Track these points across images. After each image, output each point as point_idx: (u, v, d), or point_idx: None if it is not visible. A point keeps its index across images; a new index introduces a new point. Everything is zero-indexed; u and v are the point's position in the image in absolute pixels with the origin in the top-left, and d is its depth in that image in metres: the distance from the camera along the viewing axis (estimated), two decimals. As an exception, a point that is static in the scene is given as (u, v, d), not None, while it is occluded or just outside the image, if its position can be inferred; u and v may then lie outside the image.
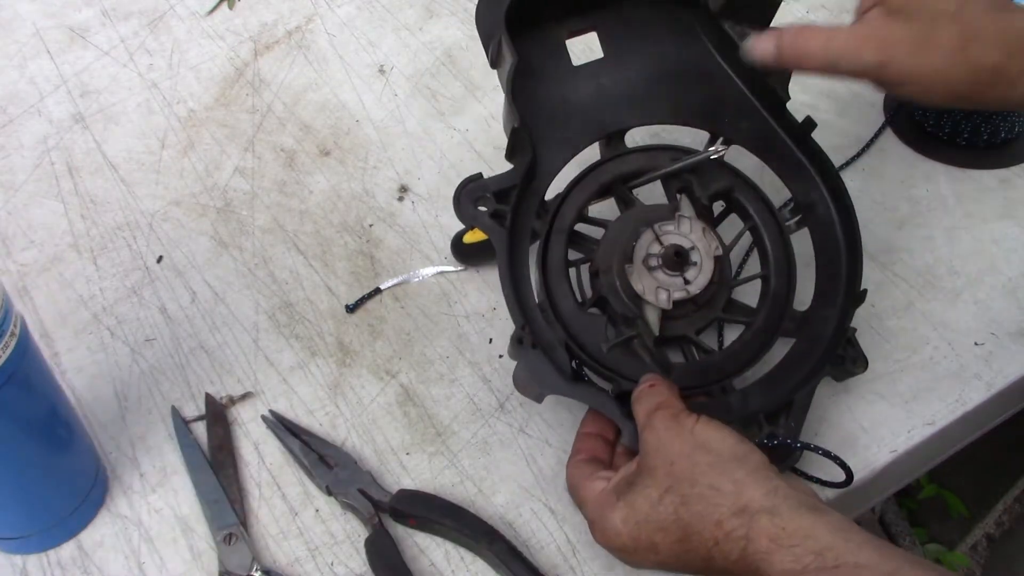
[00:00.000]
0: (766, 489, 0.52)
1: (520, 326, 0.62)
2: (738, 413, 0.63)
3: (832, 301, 0.66)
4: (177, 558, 0.64)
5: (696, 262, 0.64)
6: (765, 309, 0.67)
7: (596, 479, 0.58)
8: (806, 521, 0.50)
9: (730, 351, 0.66)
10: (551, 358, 0.62)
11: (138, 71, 0.95)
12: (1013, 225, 0.77)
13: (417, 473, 0.67)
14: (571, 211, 0.67)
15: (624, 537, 0.55)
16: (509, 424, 0.69)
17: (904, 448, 0.66)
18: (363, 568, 0.62)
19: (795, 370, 0.65)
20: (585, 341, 0.65)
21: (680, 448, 0.55)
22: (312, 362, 0.73)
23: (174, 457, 0.68)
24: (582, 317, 0.65)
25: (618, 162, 0.69)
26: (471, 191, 0.64)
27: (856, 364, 0.64)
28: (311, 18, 0.99)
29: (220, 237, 0.81)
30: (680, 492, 0.54)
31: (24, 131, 0.90)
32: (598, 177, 0.69)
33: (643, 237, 0.64)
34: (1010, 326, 0.71)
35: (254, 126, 0.89)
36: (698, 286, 0.63)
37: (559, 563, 0.62)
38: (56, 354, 0.74)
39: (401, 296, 0.76)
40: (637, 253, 0.64)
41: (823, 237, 0.68)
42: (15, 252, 0.81)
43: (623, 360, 0.65)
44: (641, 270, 0.63)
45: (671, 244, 0.63)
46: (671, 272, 0.63)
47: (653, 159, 0.69)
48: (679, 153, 0.69)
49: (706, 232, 0.64)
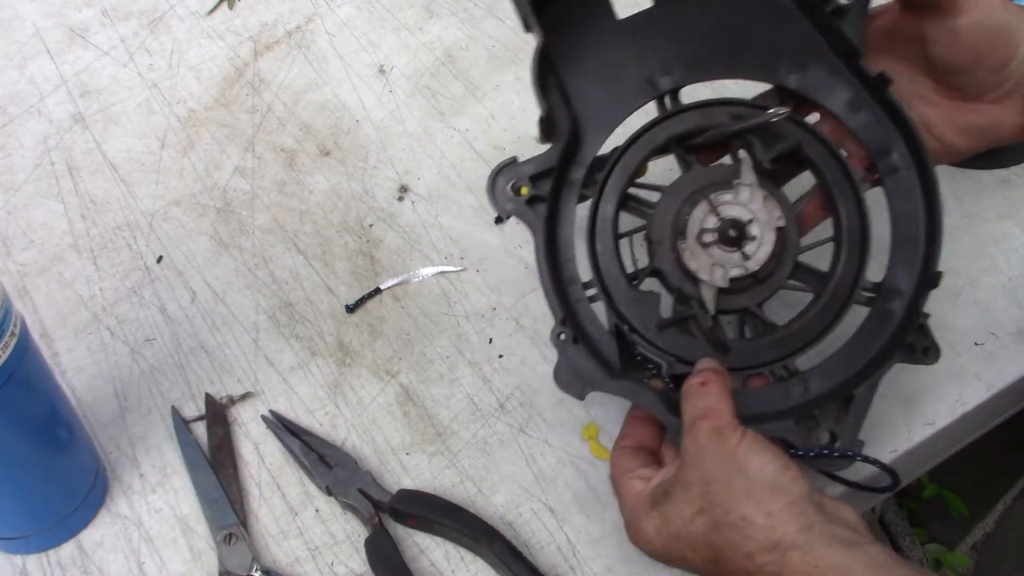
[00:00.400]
0: (801, 524, 0.51)
1: (560, 320, 0.59)
2: (796, 399, 0.60)
3: (906, 276, 0.60)
4: (177, 558, 0.64)
5: (756, 236, 0.58)
6: (836, 277, 0.61)
7: (635, 478, 0.57)
8: (840, 557, 0.49)
9: (794, 326, 0.61)
10: (594, 351, 0.59)
11: (138, 71, 0.95)
12: (1013, 225, 0.77)
13: (417, 473, 0.67)
14: (622, 178, 0.62)
15: (656, 546, 0.55)
16: (509, 424, 0.69)
17: (904, 448, 0.66)
18: (363, 568, 0.62)
19: (859, 356, 0.60)
20: (636, 319, 0.61)
21: (718, 469, 0.53)
22: (312, 362, 0.73)
23: (174, 457, 0.68)
24: (633, 293, 0.61)
25: (672, 121, 0.62)
26: (506, 175, 0.59)
27: (928, 354, 0.59)
28: (311, 18, 0.99)
29: (220, 237, 0.81)
30: (713, 516, 0.52)
31: (24, 131, 0.90)
32: (651, 139, 0.62)
33: (697, 210, 0.59)
34: (1010, 326, 0.71)
35: (254, 126, 0.89)
36: (757, 261, 0.59)
37: (559, 563, 0.62)
38: (56, 354, 0.74)
39: (401, 296, 0.76)
40: (691, 228, 0.59)
41: (901, 201, 0.61)
42: (15, 252, 0.81)
43: (677, 339, 0.61)
44: (695, 246, 0.59)
45: (728, 218, 0.59)
46: (728, 248, 0.59)
47: (711, 115, 0.62)
48: (740, 108, 0.62)
49: (767, 200, 0.59)
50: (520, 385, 0.70)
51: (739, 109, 0.62)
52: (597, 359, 0.60)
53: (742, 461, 0.53)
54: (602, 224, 0.62)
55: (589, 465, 0.66)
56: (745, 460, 0.53)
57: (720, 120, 0.62)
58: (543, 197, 0.60)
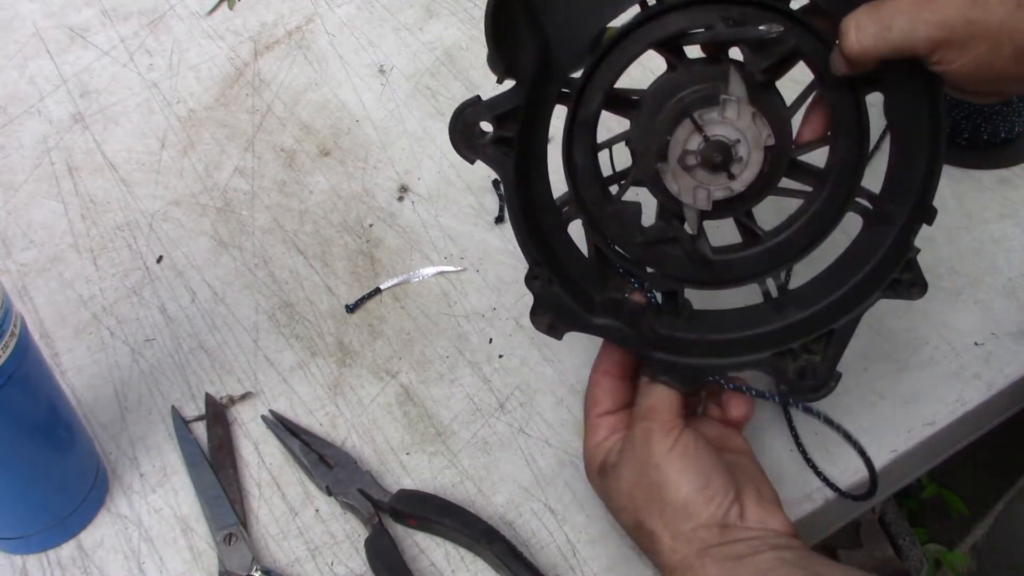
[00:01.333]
0: (698, 548, 0.54)
1: (532, 262, 0.58)
2: (776, 323, 0.59)
3: (901, 199, 0.57)
4: (177, 558, 0.64)
5: (742, 157, 0.55)
6: (831, 180, 0.57)
7: (601, 425, 0.60)
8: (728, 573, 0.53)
9: (786, 232, 0.58)
10: (571, 285, 0.58)
11: (138, 71, 0.95)
12: (1013, 225, 0.77)
13: (417, 473, 0.67)
14: (598, 91, 0.57)
15: (600, 494, 0.61)
16: (509, 424, 0.69)
17: (904, 448, 0.66)
18: (363, 568, 0.62)
19: (842, 283, 0.58)
20: (617, 232, 0.59)
21: (643, 477, 0.56)
22: (312, 362, 0.73)
23: (174, 457, 0.68)
24: (613, 207, 0.59)
25: (652, 26, 0.56)
26: (470, 116, 0.55)
27: (914, 288, 0.57)
28: (311, 18, 0.99)
29: (220, 237, 0.81)
30: (634, 517, 0.57)
31: (24, 131, 0.90)
32: (628, 49, 0.56)
33: (680, 129, 0.55)
34: (1010, 326, 0.71)
35: (254, 126, 0.89)
36: (743, 182, 0.55)
37: (559, 563, 0.62)
38: (56, 354, 0.74)
39: (401, 296, 0.76)
40: (672, 150, 0.55)
41: (902, 119, 0.56)
42: (15, 252, 0.81)
43: (660, 251, 0.59)
44: (677, 168, 0.55)
45: (713, 139, 0.54)
46: (713, 171, 0.55)
47: (698, 16, 0.56)
48: (731, 6, 0.55)
49: (756, 118, 0.54)
50: (520, 385, 0.70)
51: (731, 9, 0.55)
52: (574, 296, 0.59)
53: (664, 477, 0.56)
54: (580, 133, 0.58)
55: (589, 465, 0.66)
56: (666, 476, 0.56)
57: (710, 20, 0.56)
58: (511, 138, 0.56)
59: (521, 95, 0.55)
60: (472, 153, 0.56)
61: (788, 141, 0.57)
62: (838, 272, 0.59)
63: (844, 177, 0.57)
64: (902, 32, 0.51)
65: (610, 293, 0.60)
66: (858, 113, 0.56)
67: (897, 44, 0.51)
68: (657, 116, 0.56)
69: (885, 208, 0.57)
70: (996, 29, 0.51)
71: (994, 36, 0.51)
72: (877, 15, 0.52)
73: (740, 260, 0.60)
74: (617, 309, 0.60)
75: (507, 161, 0.56)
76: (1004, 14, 0.51)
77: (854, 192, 0.58)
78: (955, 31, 0.51)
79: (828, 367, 0.58)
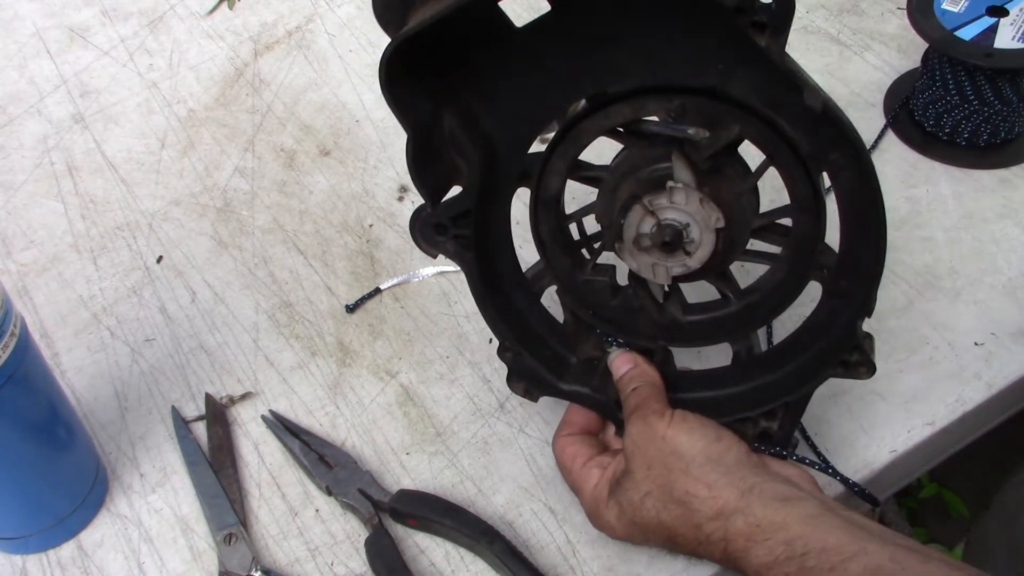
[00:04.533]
0: (740, 490, 0.54)
1: (502, 345, 0.62)
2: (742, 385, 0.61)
3: (854, 275, 0.57)
4: (177, 558, 0.64)
5: (694, 239, 0.56)
6: (791, 251, 0.58)
7: (591, 467, 0.60)
8: (779, 515, 0.52)
9: (753, 298, 0.60)
10: (543, 355, 0.62)
11: (138, 71, 0.95)
12: (1013, 225, 0.77)
13: (417, 473, 0.67)
14: (556, 179, 0.59)
15: (619, 532, 0.59)
16: (509, 424, 0.69)
17: (904, 448, 0.66)
18: (363, 568, 0.62)
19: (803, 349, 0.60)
20: (591, 302, 0.62)
21: (655, 453, 0.57)
22: (312, 362, 0.73)
23: (174, 457, 0.68)
24: (586, 277, 0.61)
25: (598, 117, 0.57)
26: (425, 220, 0.58)
27: (861, 369, 0.58)
28: (311, 18, 0.99)
29: (220, 237, 0.81)
30: (660, 497, 0.56)
31: (24, 131, 0.90)
32: (577, 138, 0.58)
33: (631, 214, 0.57)
34: (1010, 326, 0.71)
35: (254, 126, 0.89)
36: (699, 260, 0.57)
37: (559, 563, 0.62)
38: (56, 354, 0.74)
39: (401, 296, 0.76)
40: (627, 232, 0.57)
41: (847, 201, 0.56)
42: (15, 252, 0.81)
43: (636, 314, 0.62)
44: (633, 249, 0.58)
45: (664, 224, 0.56)
46: (667, 251, 0.57)
47: (640, 108, 0.56)
48: (672, 96, 0.55)
49: (704, 203, 0.55)
50: (520, 385, 0.70)
51: (672, 99, 0.55)
52: (546, 362, 0.63)
53: (674, 443, 0.56)
54: (546, 210, 0.60)
55: (589, 465, 0.66)
56: (676, 441, 0.56)
57: (653, 110, 0.56)
58: (467, 236, 0.59)
59: (472, 199, 0.58)
60: (434, 249, 0.59)
61: (746, 217, 0.57)
62: (799, 340, 0.60)
63: (804, 249, 0.58)
64: None
65: (588, 353, 0.63)
66: (813, 190, 0.56)
67: None
68: (615, 192, 0.59)
69: (839, 283, 0.58)
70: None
71: None
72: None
73: (711, 321, 0.61)
74: (590, 372, 0.63)
75: (467, 254, 0.59)
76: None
77: (813, 261, 0.58)
78: None
79: (785, 435, 0.60)
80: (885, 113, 0.85)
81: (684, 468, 0.55)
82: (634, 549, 0.62)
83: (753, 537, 0.52)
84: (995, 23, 0.76)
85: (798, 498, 0.54)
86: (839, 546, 0.50)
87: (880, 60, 0.89)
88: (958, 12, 0.78)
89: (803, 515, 0.52)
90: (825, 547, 0.50)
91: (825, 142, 0.54)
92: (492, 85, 0.57)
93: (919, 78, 0.82)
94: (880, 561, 0.49)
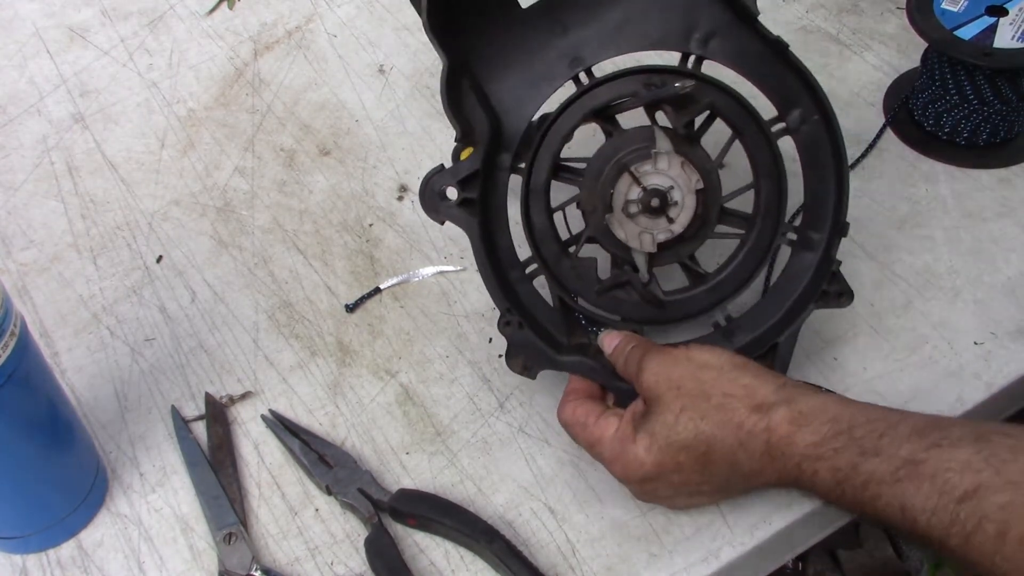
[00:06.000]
0: (775, 385, 0.57)
1: (504, 310, 0.63)
2: (728, 347, 0.64)
3: (820, 225, 0.65)
4: (177, 558, 0.64)
5: (677, 201, 0.63)
6: (759, 220, 0.65)
7: (607, 416, 0.61)
8: (817, 401, 0.56)
9: (726, 271, 0.66)
10: (540, 330, 0.64)
11: (138, 71, 0.95)
12: (1012, 225, 0.77)
13: (417, 473, 0.67)
14: (546, 160, 0.65)
15: (648, 466, 0.58)
16: (509, 424, 0.69)
17: (904, 447, 0.66)
18: (363, 568, 0.62)
19: (779, 305, 0.65)
20: (576, 286, 0.65)
21: (682, 372, 0.58)
22: (312, 362, 0.73)
23: (174, 457, 0.68)
24: (571, 262, 0.65)
25: (587, 98, 0.65)
26: (435, 183, 0.62)
27: (842, 298, 0.64)
28: (311, 18, 0.99)
29: (220, 237, 0.81)
30: (696, 409, 0.57)
31: (24, 131, 0.90)
32: (569, 118, 0.65)
33: (620, 183, 0.63)
34: (1010, 326, 0.71)
35: (254, 126, 0.89)
36: (681, 224, 0.63)
37: (559, 563, 0.62)
38: (56, 354, 0.74)
39: (401, 296, 0.76)
40: (616, 201, 0.63)
41: (810, 154, 0.65)
42: (15, 252, 0.81)
43: (617, 299, 0.66)
44: (622, 217, 0.63)
45: (650, 188, 0.62)
46: (653, 216, 0.63)
47: (624, 86, 0.65)
48: (652, 75, 0.65)
49: (685, 166, 0.62)
50: (520, 385, 0.70)
51: (651, 77, 0.65)
52: (543, 337, 0.64)
53: (698, 359, 0.59)
54: (536, 199, 0.65)
55: (589, 465, 0.66)
56: (702, 357, 0.59)
57: (634, 89, 0.65)
58: (473, 199, 0.63)
59: (479, 160, 0.62)
60: (440, 216, 0.63)
61: (717, 187, 0.65)
62: (775, 298, 0.66)
63: (769, 216, 0.65)
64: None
65: (577, 339, 0.66)
66: (773, 157, 0.65)
67: None
68: (600, 177, 0.64)
69: (808, 235, 0.65)
70: None
71: None
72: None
73: (689, 299, 0.67)
74: (584, 351, 0.65)
75: (472, 221, 0.63)
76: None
77: (780, 227, 0.66)
78: None
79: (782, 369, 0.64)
80: (884, 113, 0.85)
81: (716, 376, 0.58)
82: (634, 549, 0.62)
83: (796, 421, 0.55)
84: (994, 23, 0.76)
85: (828, 391, 0.59)
86: (883, 416, 0.55)
87: (879, 60, 0.89)
88: (957, 12, 0.78)
89: (839, 399, 0.57)
90: (870, 418, 0.54)
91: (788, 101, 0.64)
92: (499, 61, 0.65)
93: (918, 78, 0.82)
94: (926, 422, 0.54)
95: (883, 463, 0.52)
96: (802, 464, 0.55)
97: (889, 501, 0.52)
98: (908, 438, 0.53)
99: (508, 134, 0.65)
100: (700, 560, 0.61)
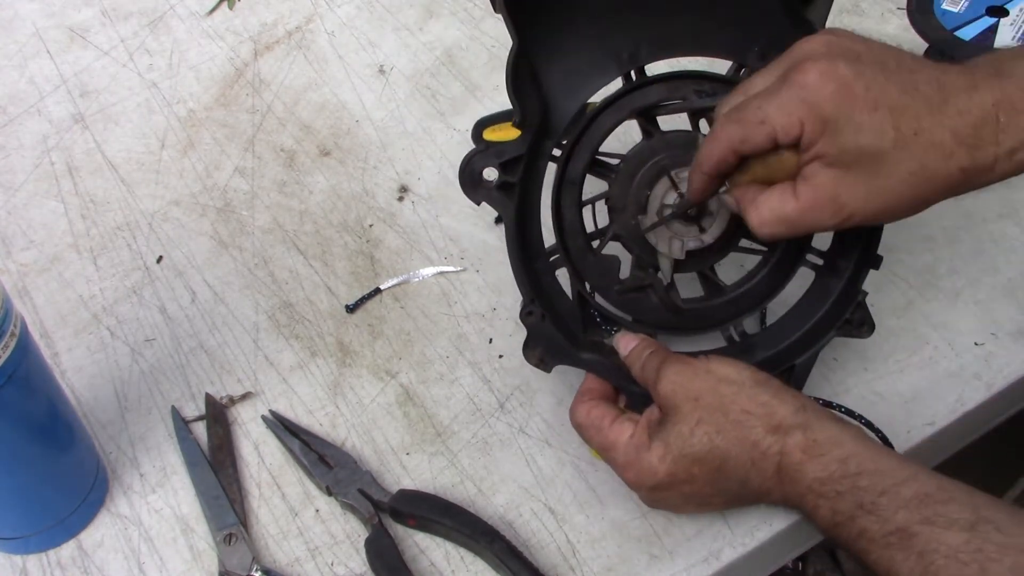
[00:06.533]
0: (794, 407, 0.56)
1: (528, 299, 0.63)
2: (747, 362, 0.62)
3: (849, 252, 0.64)
4: (177, 558, 0.64)
5: (713, 211, 0.61)
6: (782, 244, 0.64)
7: (622, 421, 0.60)
8: (833, 431, 0.55)
9: (745, 286, 0.65)
10: (559, 323, 0.63)
11: (138, 71, 0.95)
12: (1012, 225, 0.77)
13: (417, 473, 0.67)
14: (586, 152, 0.64)
15: (661, 475, 0.58)
16: (509, 424, 0.69)
17: (904, 448, 0.66)
18: (363, 568, 0.62)
19: (800, 326, 0.64)
20: (597, 282, 0.65)
21: (702, 385, 0.58)
22: (312, 362, 0.73)
23: (174, 457, 0.68)
24: (594, 258, 0.65)
25: (635, 95, 0.64)
26: (478, 162, 0.62)
27: (863, 328, 0.63)
28: (311, 18, 0.99)
29: (220, 237, 0.81)
30: (712, 423, 0.57)
31: (24, 131, 0.90)
32: (614, 114, 0.64)
33: (658, 186, 0.62)
34: (1010, 326, 0.71)
35: (254, 126, 0.89)
36: (712, 235, 0.62)
37: (559, 563, 0.62)
38: (56, 354, 0.74)
39: (401, 296, 0.76)
40: (652, 204, 0.62)
41: None
42: (15, 252, 0.81)
43: (635, 301, 0.65)
44: (654, 220, 0.62)
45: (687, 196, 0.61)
46: (686, 223, 0.62)
47: (675, 89, 0.64)
48: (703, 82, 0.64)
49: None
50: (520, 385, 0.70)
51: (703, 83, 0.64)
52: (562, 331, 0.64)
53: (720, 373, 0.58)
54: (568, 190, 0.64)
55: (589, 465, 0.66)
56: (723, 371, 0.58)
57: (684, 93, 0.64)
58: (513, 183, 0.62)
59: (524, 145, 0.62)
60: (478, 195, 0.63)
61: None
62: (795, 317, 0.65)
63: (795, 239, 0.63)
64: (802, 219, 0.55)
65: (591, 336, 0.65)
66: None
67: (792, 225, 0.55)
68: (635, 176, 0.63)
69: (835, 262, 0.64)
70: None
71: None
72: (775, 199, 0.55)
73: (708, 309, 0.66)
74: (599, 349, 0.65)
75: (509, 204, 0.63)
76: (903, 192, 0.53)
77: (805, 251, 0.64)
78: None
79: None
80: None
81: (736, 392, 0.57)
82: (634, 550, 0.62)
83: (809, 451, 0.55)
84: (995, 23, 0.77)
85: (846, 420, 0.57)
86: (891, 469, 0.53)
87: (880, 60, 0.89)
88: (958, 12, 0.78)
89: (856, 435, 0.56)
90: (878, 468, 0.53)
91: None
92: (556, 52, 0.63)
93: (919, 78, 0.82)
94: (929, 489, 0.52)
95: (876, 523, 0.52)
96: (806, 496, 0.55)
97: (878, 560, 0.52)
98: (907, 504, 0.52)
99: (554, 122, 0.64)
100: (701, 561, 0.61)
